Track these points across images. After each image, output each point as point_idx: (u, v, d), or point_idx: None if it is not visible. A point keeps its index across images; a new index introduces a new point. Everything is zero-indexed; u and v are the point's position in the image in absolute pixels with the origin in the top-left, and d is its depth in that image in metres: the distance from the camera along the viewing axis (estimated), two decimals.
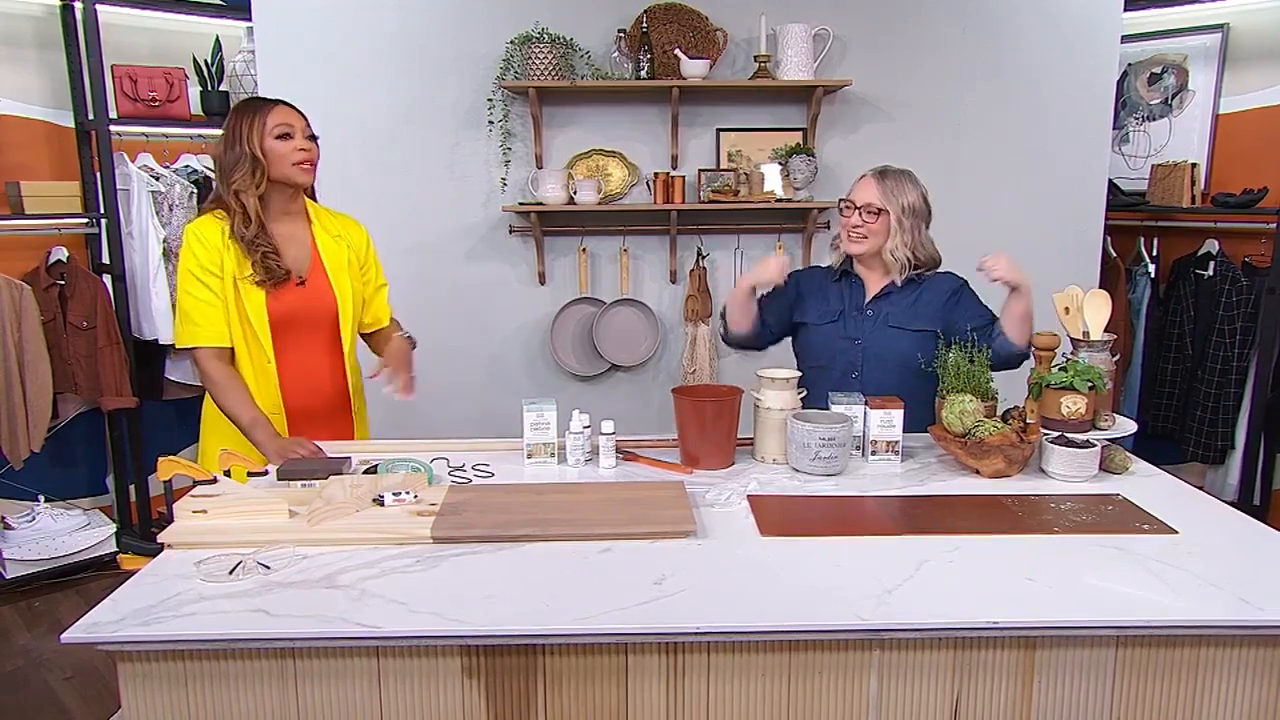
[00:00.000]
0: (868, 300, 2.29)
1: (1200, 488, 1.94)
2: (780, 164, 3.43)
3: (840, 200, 2.30)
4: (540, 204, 3.38)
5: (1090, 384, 1.89)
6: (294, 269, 2.11)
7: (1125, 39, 3.64)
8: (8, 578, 3.37)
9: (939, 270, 2.31)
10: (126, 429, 3.70)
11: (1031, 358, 2.01)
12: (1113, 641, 1.32)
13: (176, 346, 2.17)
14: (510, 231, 3.52)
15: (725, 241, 3.59)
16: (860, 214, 2.22)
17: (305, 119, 2.11)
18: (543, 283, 3.57)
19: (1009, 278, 2.05)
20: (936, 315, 2.23)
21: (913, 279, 2.26)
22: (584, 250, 3.55)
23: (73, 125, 3.56)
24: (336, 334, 2.20)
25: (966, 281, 2.28)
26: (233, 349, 2.09)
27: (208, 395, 2.17)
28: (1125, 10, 3.54)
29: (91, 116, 3.48)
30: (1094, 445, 1.88)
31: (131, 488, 3.77)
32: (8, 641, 3.10)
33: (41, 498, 3.56)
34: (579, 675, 1.32)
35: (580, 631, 1.28)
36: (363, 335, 2.36)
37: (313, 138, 2.11)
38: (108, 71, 3.47)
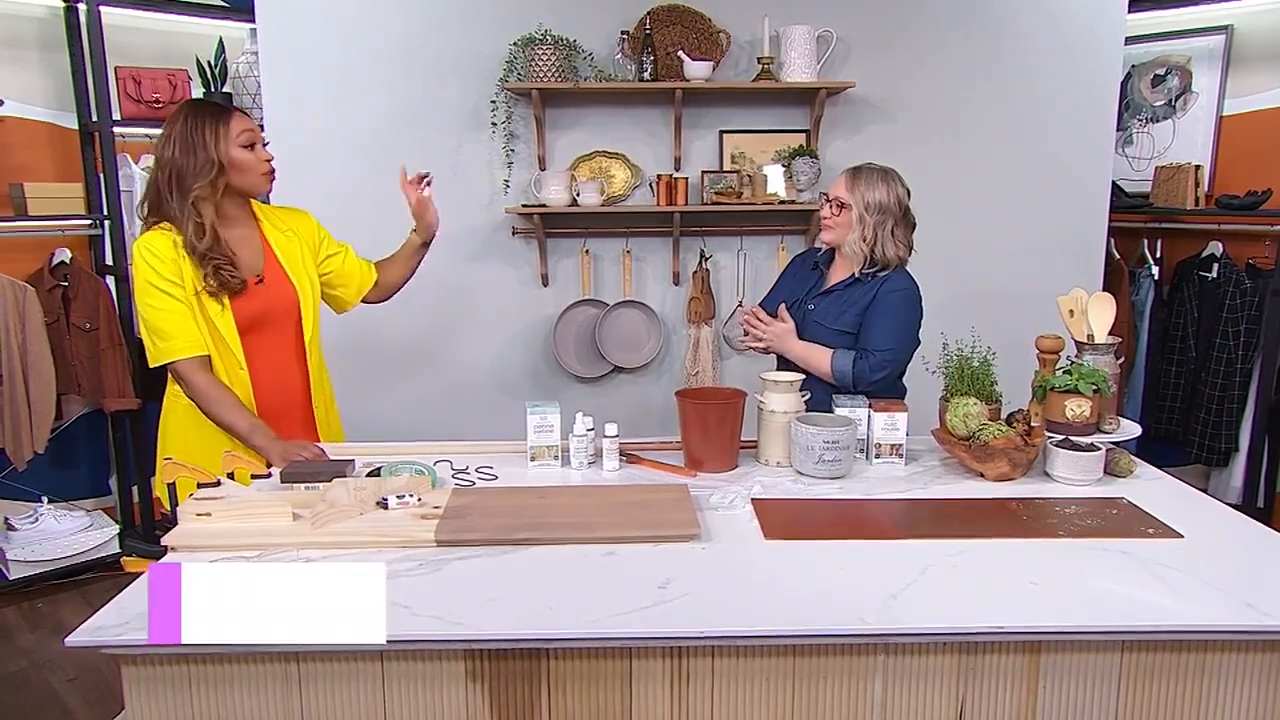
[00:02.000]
0: (817, 293, 2.36)
1: (1203, 490, 1.94)
2: (783, 166, 3.43)
3: (821, 193, 2.35)
4: (543, 206, 3.37)
5: (1095, 387, 1.88)
6: (249, 270, 2.09)
7: (1129, 40, 3.63)
8: (11, 579, 3.38)
9: (899, 270, 2.28)
10: (129, 430, 3.70)
11: (1036, 360, 2.01)
12: (1118, 646, 1.32)
13: (151, 365, 2.03)
14: (513, 233, 3.51)
15: (728, 243, 3.58)
16: (830, 206, 2.29)
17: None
18: (545, 284, 3.57)
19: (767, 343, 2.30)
20: (858, 318, 2.27)
21: (861, 278, 2.27)
22: (587, 252, 3.54)
23: (76, 127, 3.56)
24: (300, 328, 2.20)
25: (904, 290, 2.24)
26: (210, 356, 2.04)
27: (167, 407, 2.16)
28: (1129, 12, 3.53)
29: (95, 118, 3.48)
30: (1099, 448, 1.88)
31: (134, 489, 3.78)
32: (11, 642, 3.11)
33: (45, 499, 3.56)
34: (583, 679, 1.32)
35: (584, 635, 1.28)
36: (371, 300, 2.42)
37: (265, 144, 2.12)
38: (111, 73, 3.48)
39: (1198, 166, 3.77)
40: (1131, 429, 1.96)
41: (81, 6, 3.40)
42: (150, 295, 1.98)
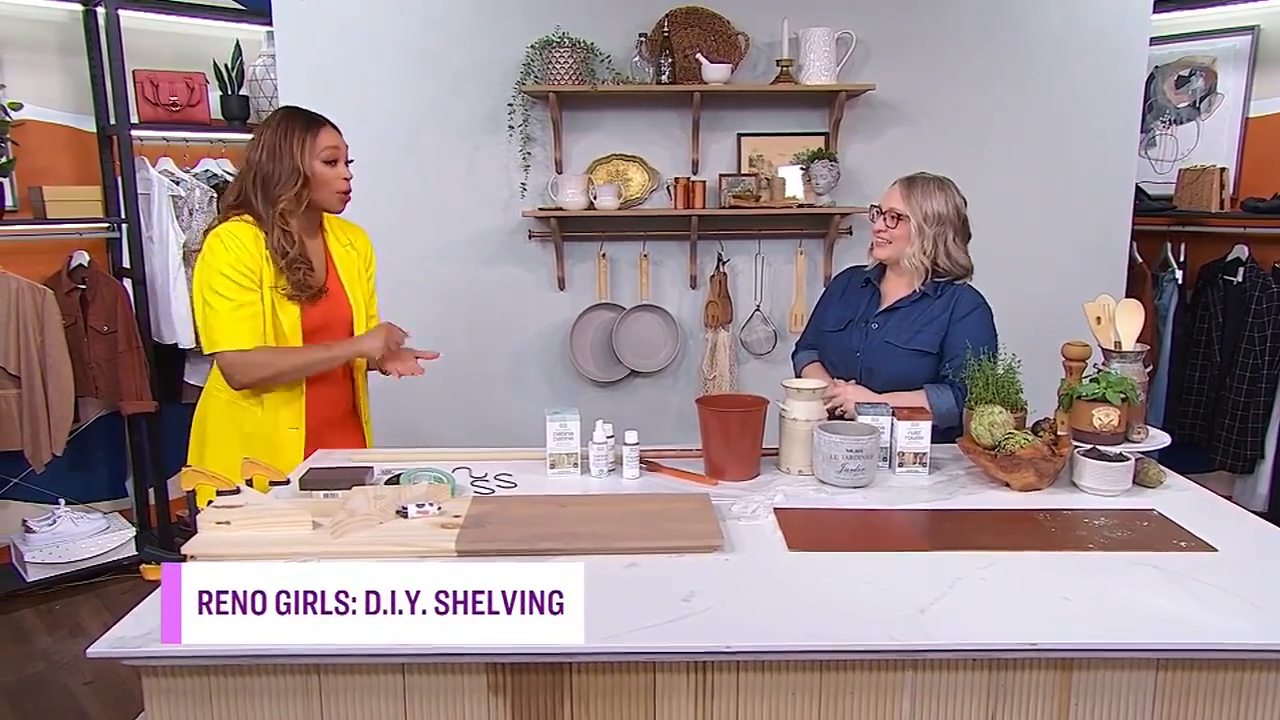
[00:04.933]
0: (878, 311, 2.28)
1: (1228, 497, 1.90)
2: (802, 169, 3.40)
3: (871, 205, 2.30)
4: (560, 209, 3.36)
5: (1123, 396, 1.85)
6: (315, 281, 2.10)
7: (1152, 41, 3.58)
8: (29, 580, 3.39)
9: (964, 284, 2.25)
10: (146, 432, 3.70)
11: (1062, 368, 1.97)
12: (1153, 664, 1.29)
13: (207, 352, 2.01)
14: (530, 237, 3.50)
15: (746, 247, 3.56)
16: (885, 219, 2.22)
17: (346, 143, 2.08)
18: (562, 288, 3.56)
19: (850, 409, 2.09)
20: (936, 336, 2.20)
21: (929, 293, 2.22)
22: (604, 255, 3.53)
23: (94, 130, 3.57)
24: None
25: (981, 308, 2.21)
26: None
27: (207, 404, 2.15)
28: (1153, 12, 3.49)
29: (113, 121, 3.49)
30: (1128, 458, 1.84)
31: (151, 491, 3.78)
32: (29, 645, 3.11)
33: (62, 501, 3.57)
34: (606, 694, 1.30)
35: (607, 649, 1.25)
36: None
37: (349, 162, 2.08)
38: (129, 76, 3.49)
39: (1222, 169, 3.72)
40: (1160, 438, 1.93)
41: (100, 10, 3.41)
42: (221, 283, 1.95)
